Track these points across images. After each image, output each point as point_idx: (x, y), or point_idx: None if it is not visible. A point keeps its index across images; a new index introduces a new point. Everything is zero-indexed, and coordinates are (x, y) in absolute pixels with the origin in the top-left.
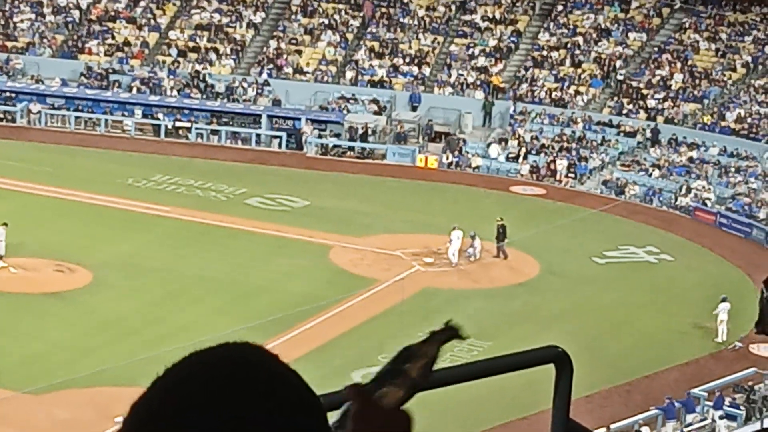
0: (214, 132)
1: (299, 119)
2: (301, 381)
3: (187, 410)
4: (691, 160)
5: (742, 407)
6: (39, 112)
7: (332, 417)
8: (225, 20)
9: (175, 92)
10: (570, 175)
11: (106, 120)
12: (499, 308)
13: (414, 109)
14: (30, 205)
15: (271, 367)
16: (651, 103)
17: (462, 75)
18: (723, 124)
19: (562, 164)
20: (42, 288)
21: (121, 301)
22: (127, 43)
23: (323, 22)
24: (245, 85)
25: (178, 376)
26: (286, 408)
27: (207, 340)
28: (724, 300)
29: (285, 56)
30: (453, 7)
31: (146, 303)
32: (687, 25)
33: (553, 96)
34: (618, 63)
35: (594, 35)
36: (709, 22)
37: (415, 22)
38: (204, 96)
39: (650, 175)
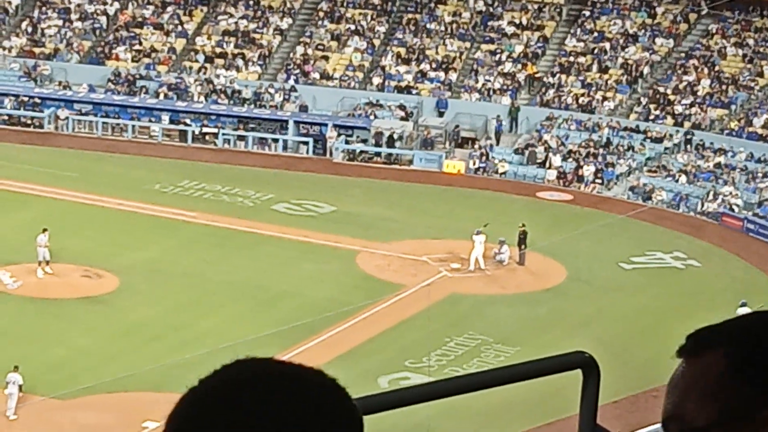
0: (241, 138)
1: (326, 125)
2: (340, 394)
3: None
4: (718, 165)
5: None
6: (66, 118)
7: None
8: (252, 26)
9: (202, 98)
10: (597, 180)
11: (134, 126)
12: (526, 314)
13: (441, 114)
14: (57, 211)
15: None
16: (678, 108)
17: (489, 81)
18: (750, 129)
19: (589, 170)
20: (69, 293)
21: (147, 307)
22: (154, 49)
23: (350, 28)
24: (272, 90)
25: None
26: (327, 422)
27: (232, 345)
28: (743, 305)
29: (312, 62)
30: (480, 13)
31: (172, 308)
32: (714, 30)
33: (579, 102)
34: (645, 69)
35: (621, 41)
36: (736, 27)
37: (442, 28)
38: (231, 102)
39: (677, 181)
